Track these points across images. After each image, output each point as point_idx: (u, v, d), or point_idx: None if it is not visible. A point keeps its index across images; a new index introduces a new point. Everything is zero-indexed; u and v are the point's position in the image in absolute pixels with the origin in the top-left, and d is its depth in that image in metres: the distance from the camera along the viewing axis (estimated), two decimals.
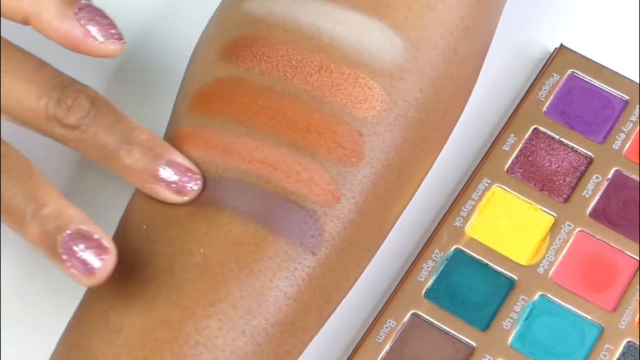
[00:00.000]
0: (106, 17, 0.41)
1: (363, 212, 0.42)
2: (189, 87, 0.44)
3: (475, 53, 0.45)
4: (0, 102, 0.40)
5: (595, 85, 0.49)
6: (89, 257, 0.37)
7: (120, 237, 0.41)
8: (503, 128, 0.48)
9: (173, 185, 0.40)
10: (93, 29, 0.41)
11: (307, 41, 0.42)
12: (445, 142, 0.45)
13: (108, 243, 0.38)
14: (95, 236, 0.38)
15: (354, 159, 0.41)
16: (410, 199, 0.45)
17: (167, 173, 0.40)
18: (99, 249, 0.37)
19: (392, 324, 0.44)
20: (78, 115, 0.40)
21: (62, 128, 0.40)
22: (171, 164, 0.40)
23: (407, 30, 0.43)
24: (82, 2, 0.41)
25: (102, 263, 0.37)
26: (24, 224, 0.38)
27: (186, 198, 0.40)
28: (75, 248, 0.37)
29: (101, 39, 0.41)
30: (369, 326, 0.44)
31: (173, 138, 0.42)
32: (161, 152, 0.40)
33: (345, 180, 0.41)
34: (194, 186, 0.40)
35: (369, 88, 0.42)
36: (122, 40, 0.41)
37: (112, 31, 0.41)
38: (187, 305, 0.39)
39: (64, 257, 0.37)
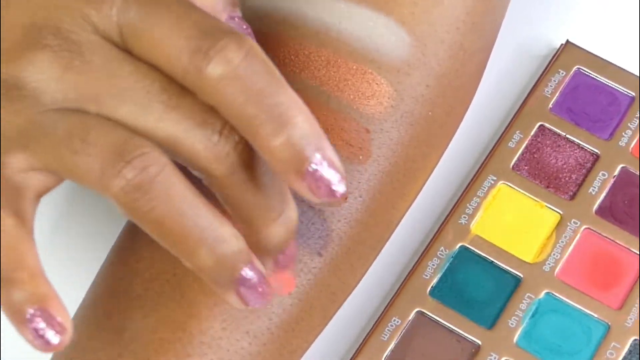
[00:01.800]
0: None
1: (370, 210, 0.41)
2: None
3: (481, 49, 0.45)
4: (150, 56, 0.34)
5: (601, 82, 0.48)
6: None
7: (126, 235, 0.41)
8: (508, 125, 0.48)
9: (317, 185, 0.33)
10: None
11: (314, 36, 0.42)
12: (451, 139, 0.45)
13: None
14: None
15: (361, 157, 0.41)
16: (416, 197, 0.44)
17: (319, 168, 0.33)
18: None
19: (397, 322, 0.44)
20: (220, 68, 0.32)
21: (200, 81, 0.33)
22: (325, 159, 0.33)
23: (413, 25, 0.42)
24: None
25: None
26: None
27: (324, 201, 0.33)
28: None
29: None
30: (374, 324, 0.44)
31: None
32: (316, 144, 0.33)
33: (352, 179, 0.41)
34: (340, 189, 0.33)
35: (377, 84, 0.42)
36: None
37: None
38: (191, 305, 0.38)
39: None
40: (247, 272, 0.34)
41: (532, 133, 0.47)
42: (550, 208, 0.46)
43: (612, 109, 0.48)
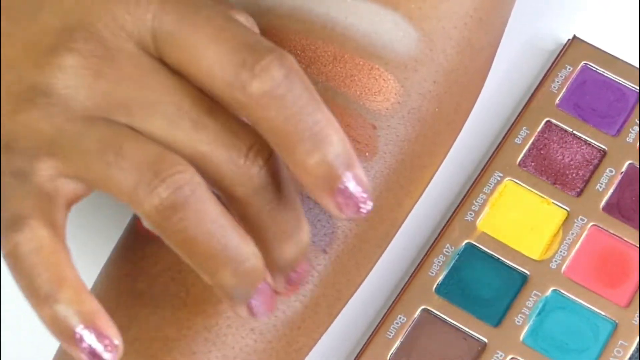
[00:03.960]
0: None
1: (376, 208, 0.41)
2: None
3: (489, 44, 0.44)
4: (184, 65, 0.33)
5: (609, 77, 0.48)
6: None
7: (130, 232, 0.41)
8: (515, 121, 0.47)
9: (346, 202, 0.33)
10: None
11: (320, 31, 0.41)
12: (457, 135, 0.45)
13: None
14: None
15: (367, 154, 0.41)
16: (422, 194, 0.44)
17: (349, 186, 0.33)
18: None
19: (403, 319, 0.44)
20: (265, 85, 0.32)
21: (243, 97, 0.32)
22: (355, 179, 0.33)
23: (420, 20, 0.42)
24: None
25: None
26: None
27: (349, 218, 0.34)
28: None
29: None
30: (379, 322, 0.44)
31: None
32: (348, 163, 0.33)
33: None
34: (368, 207, 0.34)
35: (383, 80, 0.41)
36: None
37: None
38: (196, 302, 0.38)
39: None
40: (260, 288, 0.34)
41: (539, 129, 0.47)
42: (557, 205, 0.46)
43: (619, 104, 0.48)
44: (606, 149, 0.47)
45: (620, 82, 0.48)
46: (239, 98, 0.32)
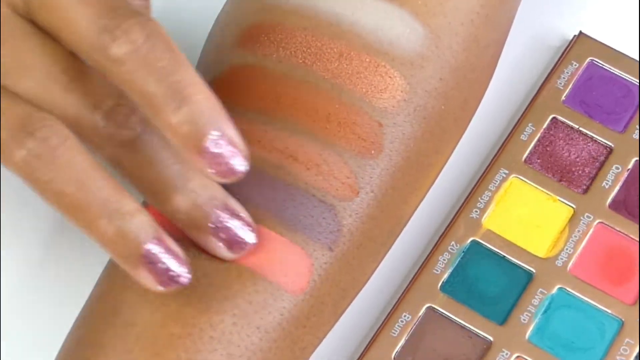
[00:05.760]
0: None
1: (382, 206, 0.41)
2: (204, 75, 0.42)
3: (495, 41, 0.44)
4: (54, 28, 0.35)
5: (615, 74, 0.48)
6: (241, 231, 0.36)
7: None
8: (521, 117, 0.47)
9: (216, 162, 0.34)
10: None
11: (326, 28, 0.41)
12: (463, 133, 0.45)
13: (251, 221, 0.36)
14: (242, 214, 0.36)
15: (373, 151, 0.41)
16: (428, 191, 0.44)
17: (214, 147, 0.34)
18: (247, 224, 0.36)
19: (408, 317, 0.43)
20: (124, 48, 0.33)
21: (105, 60, 0.34)
22: (222, 137, 0.34)
23: (427, 17, 0.42)
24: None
25: (253, 237, 0.36)
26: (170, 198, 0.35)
27: (225, 180, 0.35)
28: (226, 223, 0.36)
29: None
30: (384, 320, 0.44)
31: None
32: (214, 121, 0.34)
33: (364, 174, 0.40)
34: (240, 167, 0.35)
35: (390, 77, 0.41)
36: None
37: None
38: (201, 299, 0.38)
39: (214, 229, 0.36)
40: (153, 247, 0.34)
41: (545, 126, 0.47)
42: (563, 202, 0.46)
43: (625, 101, 0.48)
44: (612, 145, 0.47)
45: (627, 78, 0.48)
46: (102, 61, 0.34)
